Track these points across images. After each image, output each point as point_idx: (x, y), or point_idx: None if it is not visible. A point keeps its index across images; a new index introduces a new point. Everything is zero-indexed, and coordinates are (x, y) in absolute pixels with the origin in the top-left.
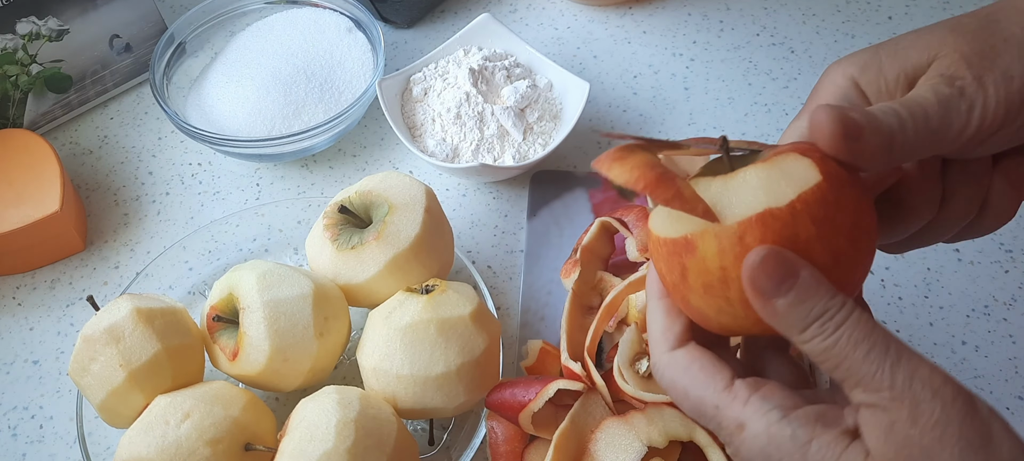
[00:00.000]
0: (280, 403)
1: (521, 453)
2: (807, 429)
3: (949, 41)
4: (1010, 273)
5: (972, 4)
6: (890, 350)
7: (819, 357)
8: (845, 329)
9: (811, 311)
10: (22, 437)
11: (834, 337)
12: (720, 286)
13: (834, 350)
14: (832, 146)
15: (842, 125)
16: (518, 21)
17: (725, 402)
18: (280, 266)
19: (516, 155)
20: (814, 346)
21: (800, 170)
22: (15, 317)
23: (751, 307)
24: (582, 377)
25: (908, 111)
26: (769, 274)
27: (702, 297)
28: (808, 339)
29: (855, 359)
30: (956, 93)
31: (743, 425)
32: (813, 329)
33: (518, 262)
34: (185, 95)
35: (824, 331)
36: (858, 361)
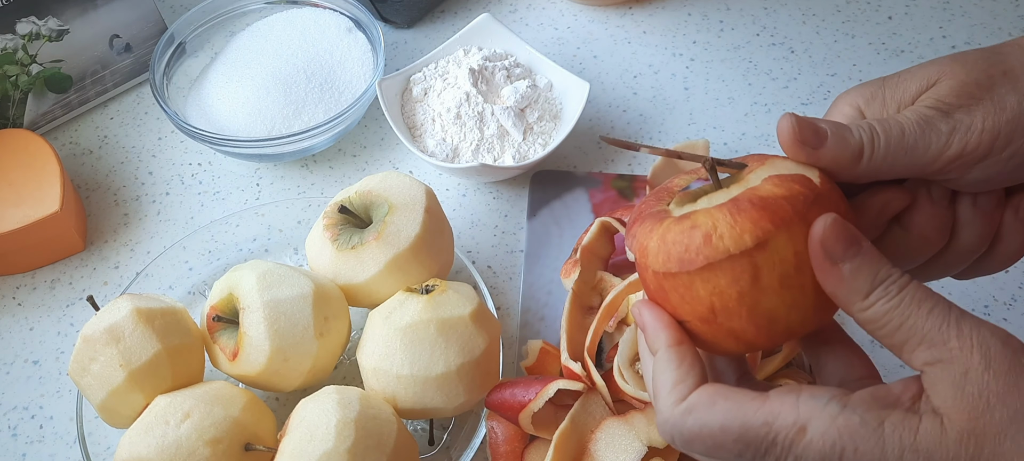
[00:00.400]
0: (280, 403)
1: (521, 453)
2: (874, 412)
3: (948, 70)
4: (1010, 273)
5: (973, 4)
6: (952, 309)
7: (881, 319)
8: (908, 291)
9: (877, 274)
10: (22, 437)
11: (898, 297)
12: (796, 275)
13: (898, 310)
14: (790, 150)
15: (800, 131)
16: (518, 21)
17: (773, 412)
18: (280, 266)
19: (516, 155)
20: (878, 309)
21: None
22: (15, 317)
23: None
24: (582, 377)
25: (883, 127)
26: (838, 237)
27: (779, 294)
28: (873, 302)
29: (919, 317)
30: (939, 115)
31: (804, 427)
32: (879, 291)
33: (518, 262)
34: (185, 95)
35: (888, 292)
36: (922, 318)
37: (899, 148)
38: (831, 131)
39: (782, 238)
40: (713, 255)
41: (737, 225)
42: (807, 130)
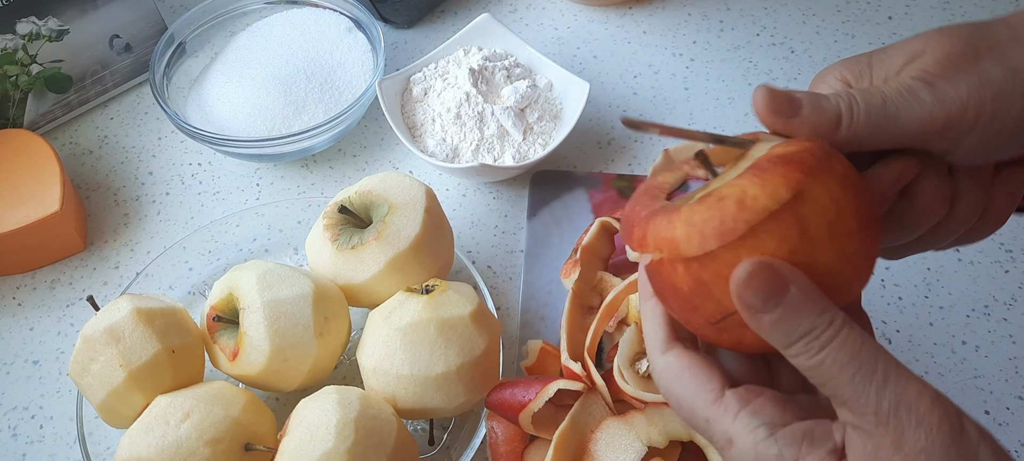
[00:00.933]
0: (280, 403)
1: (521, 453)
2: (793, 448)
3: (934, 42)
4: (1010, 273)
5: (973, 4)
6: (876, 372)
7: (806, 373)
8: (830, 350)
9: (797, 328)
10: (22, 437)
11: (819, 357)
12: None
13: (819, 370)
14: (765, 119)
15: (773, 100)
16: (518, 21)
17: (715, 415)
18: (280, 266)
19: (516, 155)
20: (800, 363)
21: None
22: (15, 317)
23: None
24: (582, 377)
25: (862, 95)
26: (756, 290)
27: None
28: (794, 355)
29: (840, 381)
30: (922, 84)
31: (731, 440)
32: (799, 346)
33: (518, 262)
34: (185, 95)
35: (809, 350)
36: (843, 383)
37: (880, 116)
38: (806, 100)
39: (816, 186)
40: (753, 217)
41: (767, 183)
42: (781, 99)
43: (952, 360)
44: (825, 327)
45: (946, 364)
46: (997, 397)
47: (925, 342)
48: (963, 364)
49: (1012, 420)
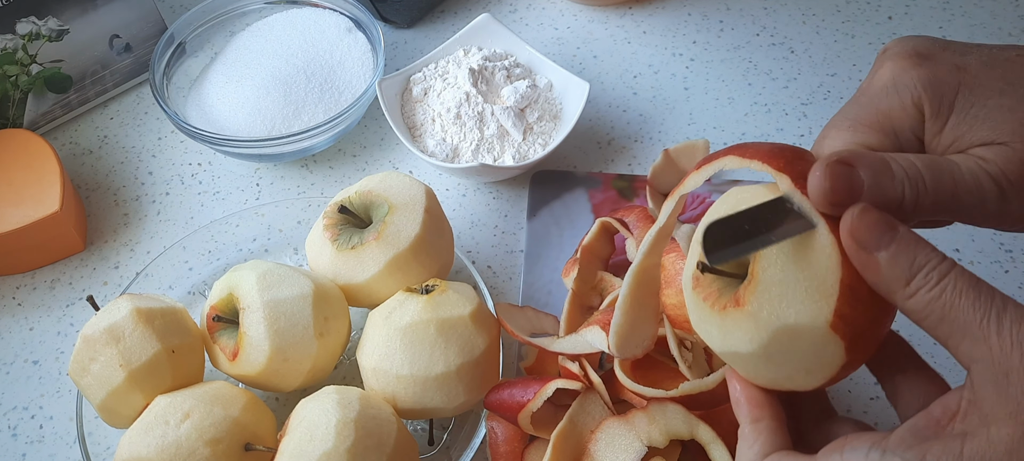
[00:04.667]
0: (280, 403)
1: (521, 453)
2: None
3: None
4: (1010, 273)
5: (973, 4)
6: (995, 298)
7: (924, 310)
8: (950, 279)
9: (915, 261)
10: (22, 437)
11: (940, 287)
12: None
13: (940, 300)
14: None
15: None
16: (518, 21)
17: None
18: (280, 266)
19: (516, 155)
20: (919, 299)
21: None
22: (15, 317)
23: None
24: (579, 376)
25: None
26: (870, 225)
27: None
28: (913, 291)
29: (962, 307)
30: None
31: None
32: (918, 279)
33: (518, 262)
34: (185, 95)
35: (928, 281)
36: (965, 309)
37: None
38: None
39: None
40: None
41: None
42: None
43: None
44: (940, 260)
45: (946, 364)
46: None
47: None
48: None
49: None
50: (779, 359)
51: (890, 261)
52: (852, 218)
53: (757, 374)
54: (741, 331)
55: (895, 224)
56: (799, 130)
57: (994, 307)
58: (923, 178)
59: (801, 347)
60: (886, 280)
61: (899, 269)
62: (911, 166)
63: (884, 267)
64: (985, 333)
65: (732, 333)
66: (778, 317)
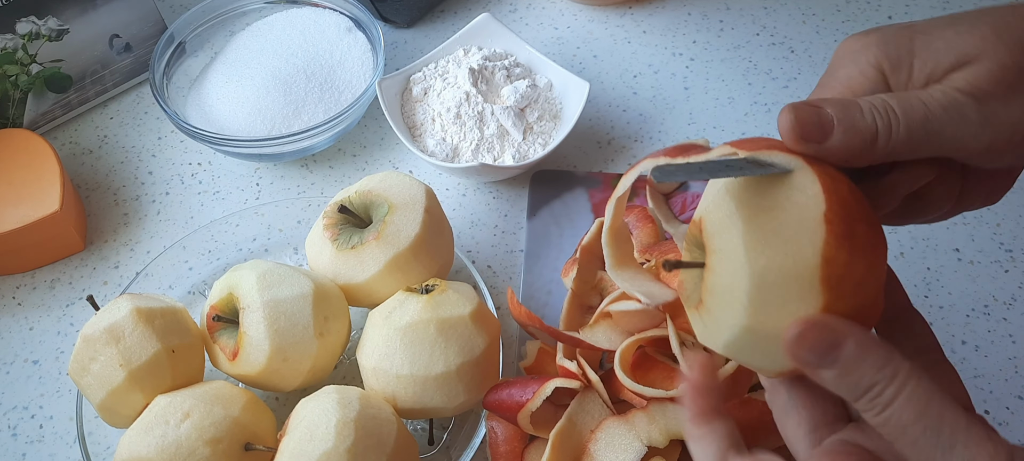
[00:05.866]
0: (280, 403)
1: (521, 453)
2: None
3: (989, 48)
4: (1010, 273)
5: (973, 4)
6: (943, 434)
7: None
8: (894, 408)
9: (860, 383)
10: (22, 437)
11: (884, 415)
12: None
13: (887, 427)
14: (794, 147)
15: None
16: (518, 21)
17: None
18: (280, 266)
19: (516, 155)
20: (869, 419)
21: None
22: (15, 317)
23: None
24: (578, 375)
25: (902, 108)
26: (810, 347)
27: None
28: (863, 410)
29: (907, 442)
30: (972, 101)
31: None
32: (863, 402)
33: (518, 262)
34: (185, 95)
35: (874, 407)
36: (909, 444)
37: (921, 133)
38: (838, 118)
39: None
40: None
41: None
42: (811, 124)
43: (952, 360)
44: (887, 382)
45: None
46: (997, 397)
47: None
48: (963, 364)
49: (1012, 420)
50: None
51: (835, 381)
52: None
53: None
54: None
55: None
56: None
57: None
58: (893, 110)
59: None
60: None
61: (845, 389)
62: (879, 100)
63: (830, 384)
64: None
65: (706, 329)
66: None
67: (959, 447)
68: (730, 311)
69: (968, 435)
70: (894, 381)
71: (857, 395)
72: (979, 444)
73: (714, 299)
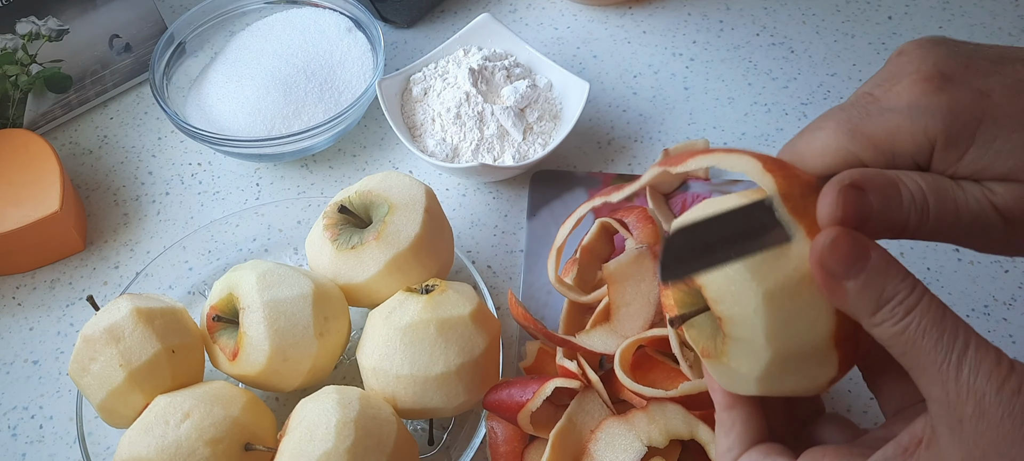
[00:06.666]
0: (280, 403)
1: (521, 453)
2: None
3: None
4: (1010, 273)
5: (973, 4)
6: (958, 339)
7: (888, 341)
8: (915, 315)
9: (882, 293)
10: (22, 437)
11: (904, 323)
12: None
13: (903, 336)
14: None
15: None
16: (518, 21)
17: None
18: (280, 266)
19: (516, 155)
20: (884, 331)
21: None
22: (15, 317)
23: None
24: (578, 375)
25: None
26: (840, 255)
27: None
28: (879, 322)
29: (923, 347)
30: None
31: None
32: (883, 312)
33: (518, 262)
34: (185, 95)
35: (894, 315)
36: (926, 349)
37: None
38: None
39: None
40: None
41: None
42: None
43: None
44: (909, 291)
45: None
46: None
47: None
48: None
49: None
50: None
51: (858, 291)
52: (822, 246)
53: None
54: (731, 377)
55: (866, 252)
56: (799, 130)
57: (955, 350)
58: (928, 205)
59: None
60: (853, 308)
61: (866, 300)
62: (918, 191)
63: (851, 296)
64: (943, 377)
65: (726, 376)
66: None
67: (971, 350)
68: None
69: (978, 341)
70: (915, 291)
71: (878, 306)
72: (987, 350)
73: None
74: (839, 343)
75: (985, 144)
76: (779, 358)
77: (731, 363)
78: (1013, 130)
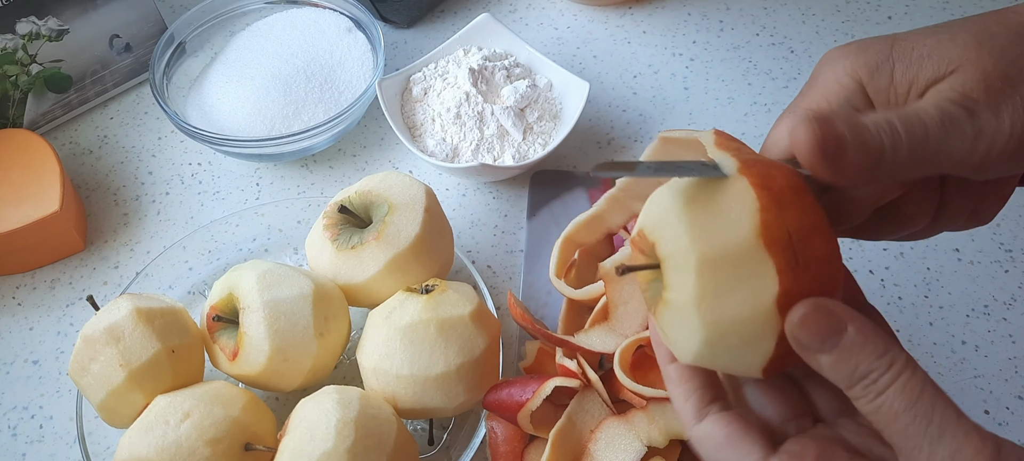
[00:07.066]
0: (280, 403)
1: (521, 453)
2: None
3: (972, 55)
4: (1010, 273)
5: (973, 4)
6: (933, 423)
7: (868, 417)
8: (888, 395)
9: (856, 370)
10: (22, 437)
11: (877, 403)
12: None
13: (878, 415)
14: (812, 166)
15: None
16: (518, 21)
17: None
18: (280, 266)
19: (516, 155)
20: (861, 407)
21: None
22: (15, 317)
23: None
24: (577, 374)
25: (905, 126)
26: (811, 330)
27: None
28: (855, 397)
29: (896, 430)
30: (964, 114)
31: None
32: (858, 389)
33: (518, 262)
34: (185, 95)
35: (867, 394)
36: (899, 433)
37: (922, 151)
38: (851, 137)
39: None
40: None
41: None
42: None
43: (952, 360)
44: (884, 370)
45: (946, 364)
46: (997, 397)
47: (925, 342)
48: (963, 364)
49: (1012, 420)
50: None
51: (831, 368)
52: (793, 322)
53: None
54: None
55: (839, 326)
56: None
57: (929, 437)
58: (895, 125)
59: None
60: (831, 380)
61: (840, 375)
62: (881, 117)
63: (826, 369)
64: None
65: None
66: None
67: (948, 436)
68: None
69: (957, 426)
70: (891, 369)
71: (852, 382)
72: (967, 435)
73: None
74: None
75: (904, 58)
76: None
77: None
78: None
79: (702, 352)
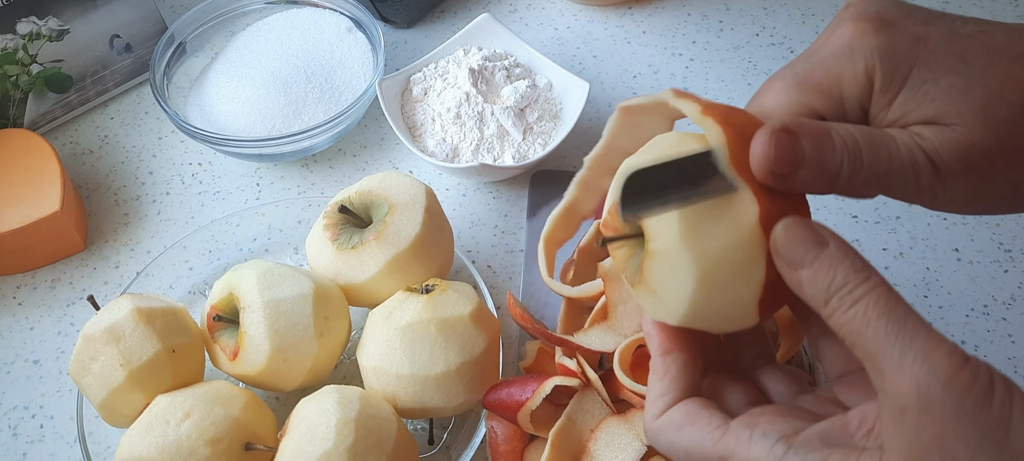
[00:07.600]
0: (280, 403)
1: (521, 452)
2: (816, 453)
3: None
4: (1010, 273)
5: (972, 4)
6: (905, 329)
7: (841, 332)
8: (862, 305)
9: (833, 281)
10: (22, 437)
11: (852, 312)
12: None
13: (851, 325)
14: (758, 176)
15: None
16: (518, 21)
17: (728, 448)
18: (280, 266)
19: (516, 155)
20: (835, 320)
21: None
22: (15, 317)
23: None
24: (577, 373)
25: (870, 155)
26: (794, 242)
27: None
28: (829, 312)
29: (870, 336)
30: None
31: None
32: (833, 302)
33: (518, 262)
34: (185, 95)
35: (842, 304)
36: (873, 338)
37: (875, 182)
38: (810, 154)
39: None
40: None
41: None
42: (785, 160)
43: None
44: (860, 282)
45: None
46: None
47: None
48: None
49: None
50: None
51: (810, 280)
52: (778, 233)
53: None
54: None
55: (821, 240)
56: None
57: (900, 340)
58: (861, 153)
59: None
60: (807, 296)
61: (817, 288)
62: (851, 139)
63: (804, 285)
64: (888, 367)
65: (649, 304)
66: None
67: (920, 339)
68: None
69: (929, 332)
70: (867, 281)
71: (829, 294)
72: (940, 340)
73: (659, 243)
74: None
75: (915, 87)
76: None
77: (658, 287)
78: (943, 74)
79: (697, 295)
